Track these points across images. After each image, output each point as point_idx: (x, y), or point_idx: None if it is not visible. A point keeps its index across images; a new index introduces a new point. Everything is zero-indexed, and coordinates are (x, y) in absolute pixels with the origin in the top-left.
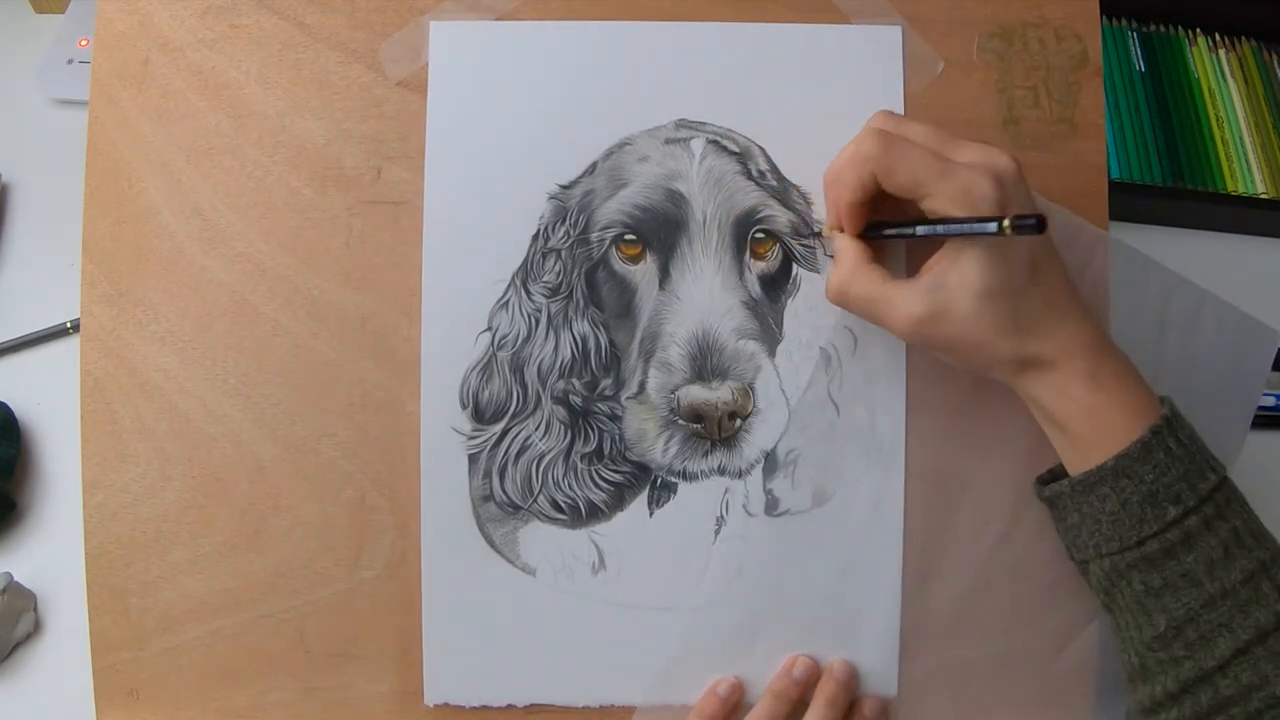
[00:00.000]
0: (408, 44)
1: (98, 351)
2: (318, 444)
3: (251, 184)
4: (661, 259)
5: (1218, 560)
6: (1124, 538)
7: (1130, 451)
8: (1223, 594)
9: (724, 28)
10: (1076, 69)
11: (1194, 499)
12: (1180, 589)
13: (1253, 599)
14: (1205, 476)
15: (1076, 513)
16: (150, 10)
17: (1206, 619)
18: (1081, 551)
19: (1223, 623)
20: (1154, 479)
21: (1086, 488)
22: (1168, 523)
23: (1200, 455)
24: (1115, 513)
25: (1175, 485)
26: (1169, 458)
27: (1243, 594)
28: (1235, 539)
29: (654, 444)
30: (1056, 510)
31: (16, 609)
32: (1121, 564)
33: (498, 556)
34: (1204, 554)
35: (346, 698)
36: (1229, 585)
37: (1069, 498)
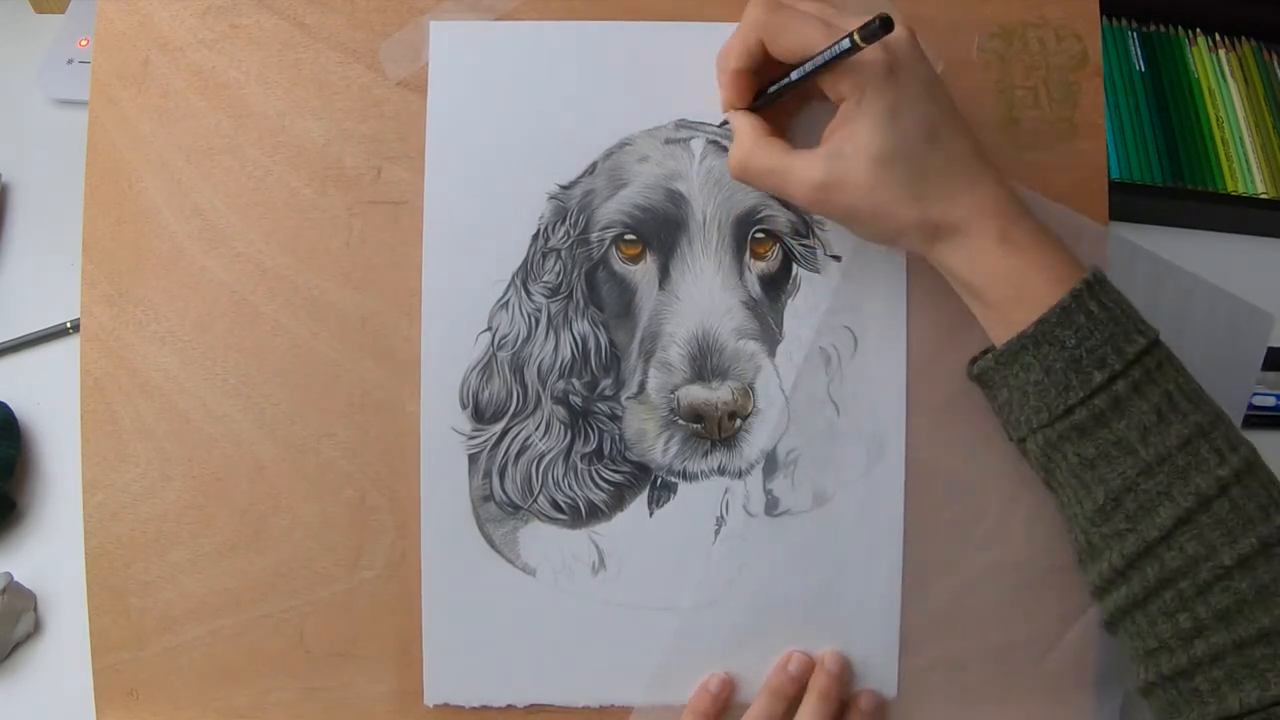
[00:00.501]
0: (408, 44)
1: (98, 351)
2: (318, 444)
3: (251, 184)
4: (661, 259)
5: (1151, 426)
6: (1051, 407)
7: (1049, 316)
8: (1159, 460)
9: (724, 28)
10: (1076, 69)
11: (1120, 363)
12: (1115, 458)
13: (1192, 464)
14: (1133, 339)
15: (1005, 387)
16: (150, 10)
17: (1145, 488)
18: (1016, 429)
19: (1162, 490)
20: (1076, 344)
21: (1010, 357)
22: (1094, 388)
23: (1127, 318)
24: (1040, 381)
25: (1100, 349)
26: (1091, 321)
27: (1180, 460)
28: (1169, 403)
29: (654, 444)
30: (988, 389)
31: (16, 609)
32: (1054, 436)
33: (498, 556)
34: (1136, 419)
35: (346, 698)
36: (1165, 451)
37: (995, 371)
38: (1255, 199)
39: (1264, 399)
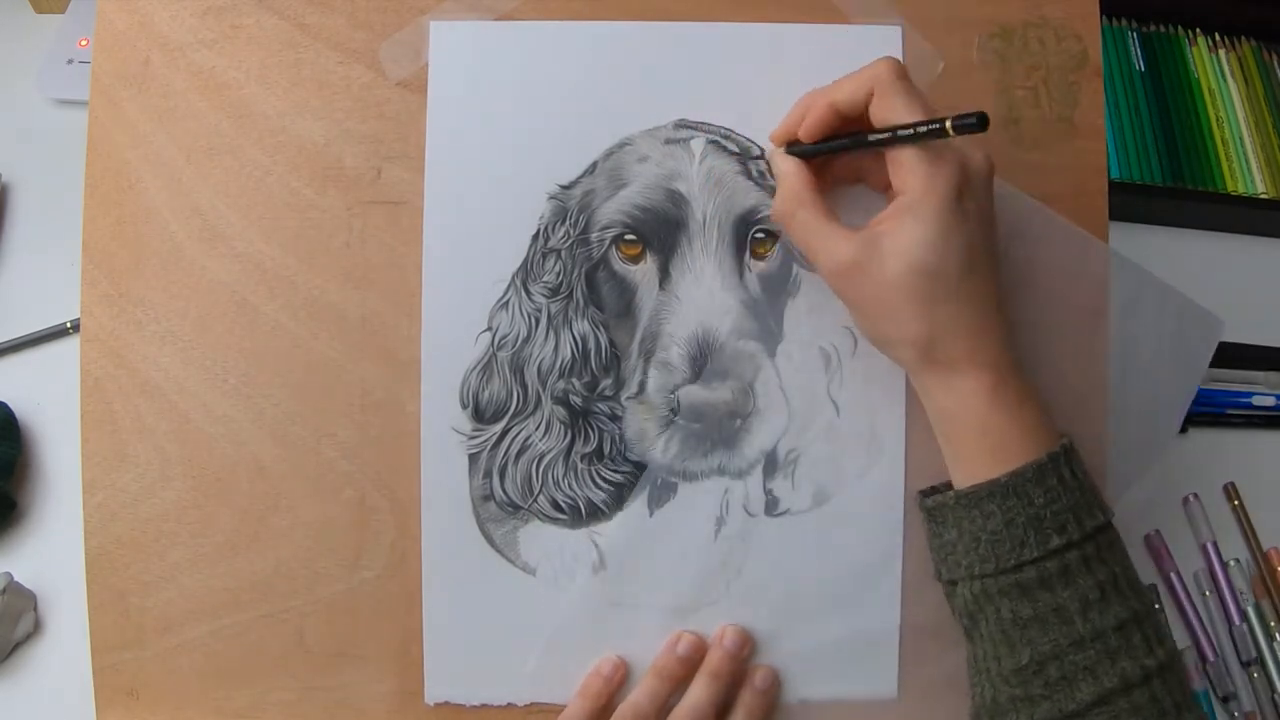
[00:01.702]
0: (408, 44)
1: (98, 351)
2: (318, 444)
3: (251, 184)
4: (661, 259)
5: (1093, 601)
6: (1001, 559)
7: (1025, 471)
8: (1093, 636)
9: (724, 28)
10: (1076, 69)
11: (1079, 533)
12: (1050, 624)
13: (1122, 648)
14: (1094, 514)
15: (956, 528)
16: (150, 10)
17: (1072, 659)
18: (952, 571)
19: (1088, 666)
20: (1043, 504)
21: (973, 501)
22: (1049, 550)
23: (1092, 493)
24: (997, 532)
25: (1063, 515)
26: (1061, 486)
27: (1113, 641)
28: (1113, 583)
29: (654, 444)
30: (934, 524)
31: (16, 609)
32: (993, 588)
33: (498, 556)
34: (1080, 592)
35: (346, 698)
36: (1101, 629)
37: (952, 510)
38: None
39: (1264, 399)
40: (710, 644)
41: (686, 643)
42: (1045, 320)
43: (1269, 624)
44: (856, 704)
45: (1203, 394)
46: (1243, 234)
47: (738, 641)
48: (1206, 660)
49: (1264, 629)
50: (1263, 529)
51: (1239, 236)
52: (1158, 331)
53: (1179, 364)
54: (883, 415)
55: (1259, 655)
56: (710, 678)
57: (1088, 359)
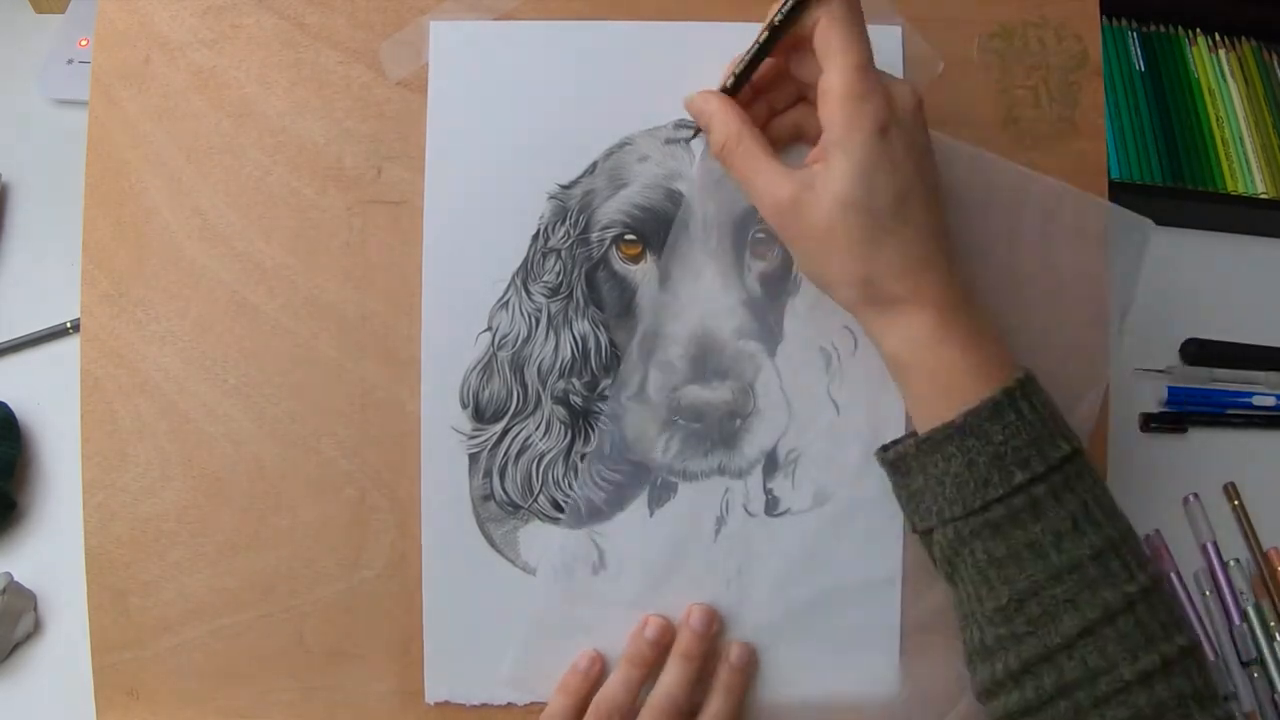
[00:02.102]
0: (408, 44)
1: (98, 351)
2: (318, 444)
3: (251, 184)
4: (662, 259)
5: (1065, 533)
6: (967, 501)
7: (980, 409)
8: (1070, 568)
9: (724, 28)
10: (1076, 69)
11: (1043, 466)
12: (1025, 560)
13: (1101, 577)
14: (1057, 445)
15: (921, 474)
16: (150, 10)
17: (1051, 593)
18: (925, 519)
19: (1069, 599)
20: (1002, 440)
21: (932, 446)
22: (1014, 487)
23: (1054, 425)
24: (960, 474)
25: (1024, 450)
26: (1020, 420)
27: (1091, 570)
28: (1085, 513)
29: (654, 444)
30: (899, 475)
31: (16, 609)
32: (965, 530)
33: (498, 556)
34: (1051, 525)
35: (346, 697)
36: (1076, 559)
37: (914, 458)
38: (1255, 199)
39: (1264, 399)
40: (678, 625)
41: (654, 626)
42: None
43: (1269, 624)
44: (856, 704)
45: (1203, 394)
46: (1243, 234)
47: (704, 620)
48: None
49: (1264, 629)
50: (1263, 529)
51: (1239, 236)
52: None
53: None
54: (883, 415)
55: (1259, 655)
56: (682, 659)
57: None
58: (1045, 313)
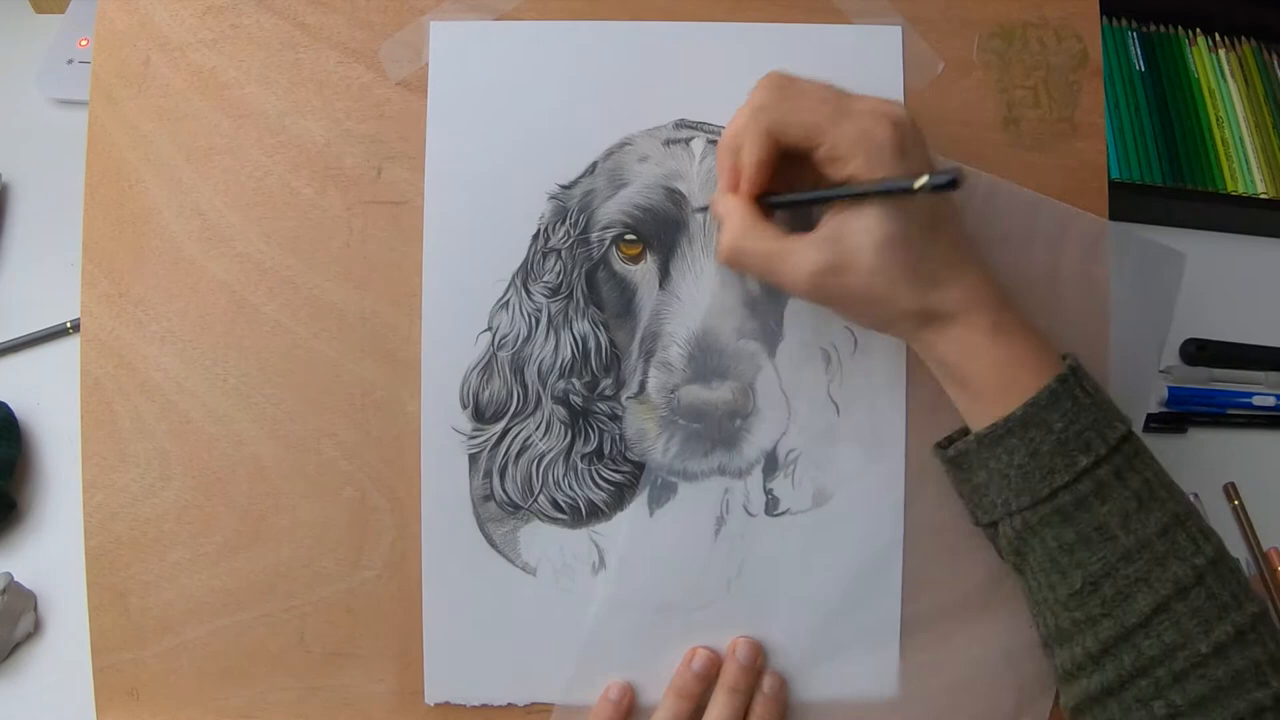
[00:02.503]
0: (408, 44)
1: (98, 351)
2: (318, 444)
3: (251, 184)
4: (662, 259)
5: (1132, 512)
6: (1035, 490)
7: (1039, 399)
8: (1139, 547)
9: (724, 28)
10: (1076, 69)
11: (1104, 447)
12: (1094, 542)
13: (1170, 552)
14: (1114, 426)
15: (984, 469)
16: (150, 10)
17: (1124, 573)
18: (989, 512)
19: (1141, 577)
20: (1063, 427)
21: (994, 440)
22: (1079, 472)
23: (1107, 406)
24: (1024, 464)
25: (1085, 433)
26: (1077, 406)
27: (1159, 547)
28: (1148, 490)
29: (654, 444)
30: (961, 471)
31: (16, 609)
32: (1033, 519)
33: (498, 556)
34: (1117, 505)
35: (346, 698)
36: (1144, 538)
37: (975, 454)
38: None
39: (1264, 399)
40: (724, 658)
41: (701, 659)
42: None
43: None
44: (856, 704)
45: (1203, 394)
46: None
47: (750, 654)
48: None
49: None
50: (1263, 529)
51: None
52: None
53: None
54: (883, 415)
55: None
56: (729, 692)
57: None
58: None
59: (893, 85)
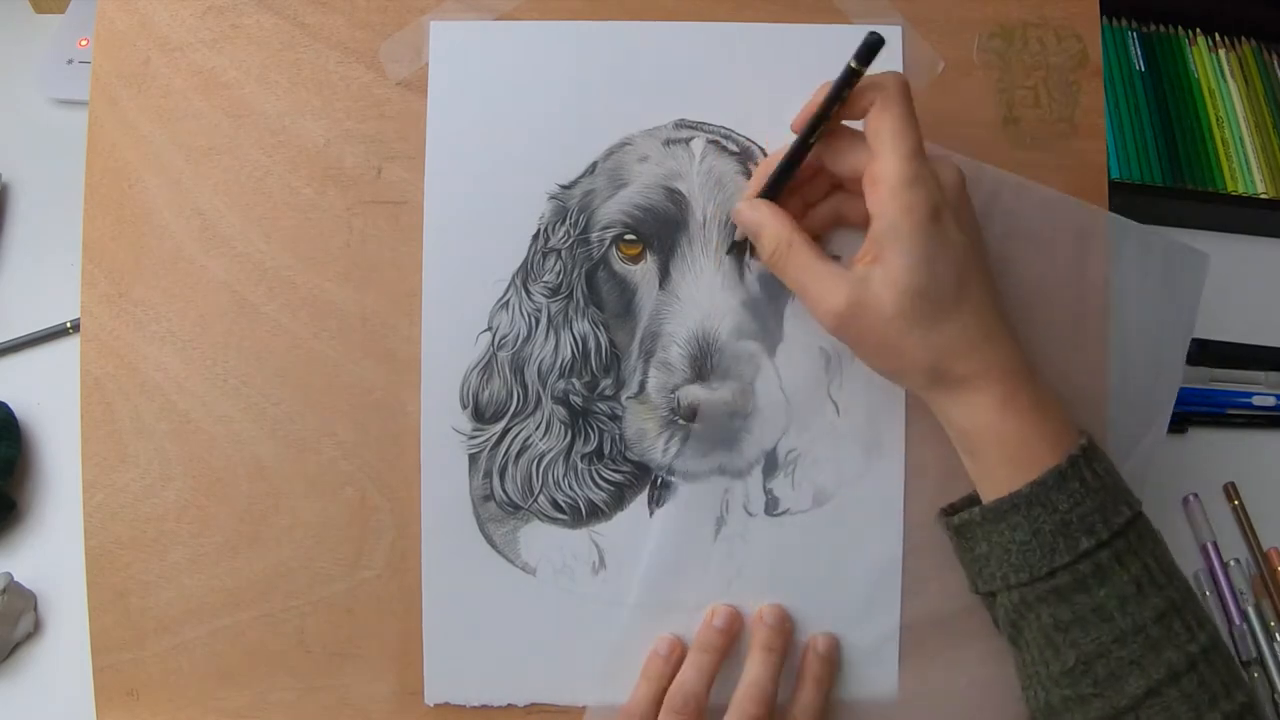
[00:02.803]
0: (408, 44)
1: (98, 351)
2: (318, 443)
3: (251, 184)
4: (661, 259)
5: (1130, 596)
6: (1034, 568)
7: (1046, 479)
8: (1134, 630)
9: (724, 28)
10: (1076, 69)
11: (1107, 532)
12: (1091, 624)
13: (1164, 637)
14: (1119, 510)
15: (985, 542)
16: (150, 10)
17: (1117, 655)
18: (988, 583)
19: (1134, 660)
20: (1068, 509)
21: (998, 515)
22: (1080, 554)
23: (1116, 489)
24: (1026, 542)
25: (1089, 517)
26: (1084, 488)
27: (1154, 632)
28: (1148, 575)
29: (654, 444)
30: (963, 540)
31: (16, 609)
32: (1030, 596)
33: (498, 556)
34: (1116, 589)
35: (346, 698)
36: (1141, 622)
37: (979, 526)
38: (1255, 199)
39: (1264, 399)
40: (752, 623)
41: (723, 614)
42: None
43: (1269, 624)
44: (856, 704)
45: (1203, 394)
46: (1243, 234)
47: (777, 615)
48: None
49: (1264, 629)
50: (1263, 529)
51: (1239, 236)
52: (1144, 273)
53: (1172, 304)
54: (883, 415)
55: (1259, 655)
56: (765, 651)
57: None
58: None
59: None
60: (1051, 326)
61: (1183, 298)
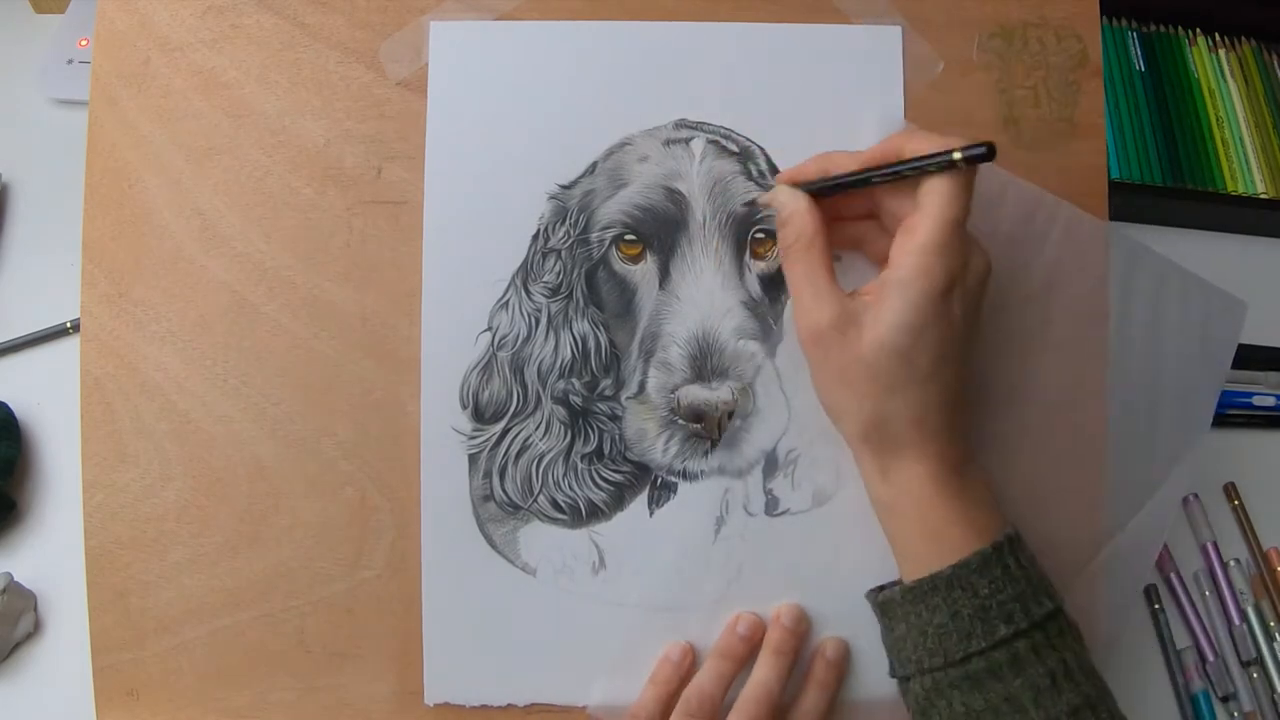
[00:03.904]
0: (408, 44)
1: (98, 351)
2: (318, 443)
3: (251, 184)
4: (661, 259)
5: (1044, 689)
6: (949, 652)
7: (969, 562)
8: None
9: (724, 27)
10: (1076, 69)
11: (1026, 622)
12: (1003, 713)
13: None
14: (1040, 603)
15: (904, 623)
16: (150, 10)
17: None
18: (903, 666)
19: None
20: (988, 594)
21: (918, 596)
22: (996, 641)
23: (1039, 582)
24: (943, 625)
25: (1009, 605)
26: (1006, 576)
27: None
28: (1064, 670)
29: (654, 444)
30: (886, 620)
31: (16, 609)
32: (944, 681)
33: (498, 556)
34: (1030, 680)
35: (346, 698)
36: (1054, 716)
37: (899, 605)
38: (1255, 199)
39: (1264, 399)
40: (769, 623)
41: (746, 622)
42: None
43: (1269, 624)
44: (857, 704)
45: None
46: (1243, 234)
47: (795, 617)
48: (1206, 660)
49: (1264, 629)
50: (1263, 529)
51: (1239, 236)
52: (1183, 322)
53: (1207, 353)
54: None
55: (1259, 655)
56: (774, 654)
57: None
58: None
59: (893, 85)
60: None
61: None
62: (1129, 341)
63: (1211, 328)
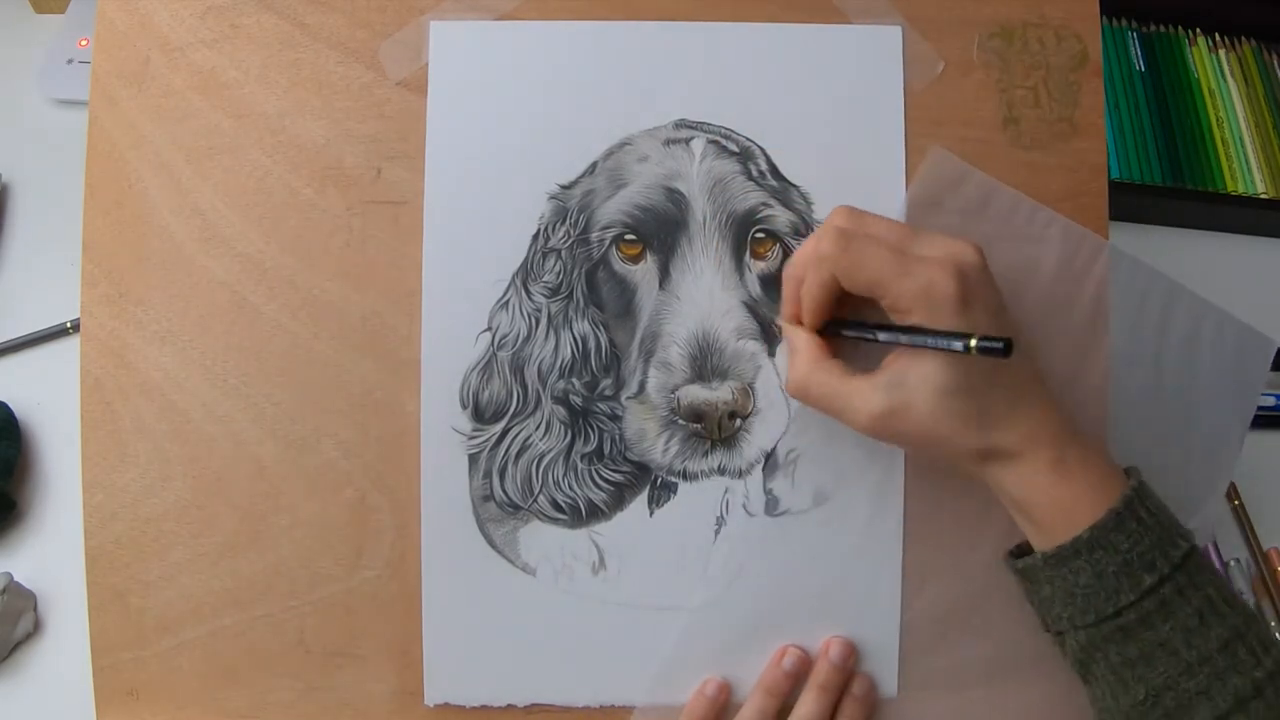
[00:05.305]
0: (408, 44)
1: (98, 351)
2: (318, 443)
3: (251, 184)
4: (661, 259)
5: (1194, 628)
6: (1099, 609)
7: (1105, 522)
8: (1200, 661)
9: (724, 27)
10: (1076, 69)
11: (1168, 566)
12: (1157, 658)
13: (1230, 666)
14: (1176, 544)
15: (1049, 585)
16: (150, 10)
17: (1185, 687)
18: (1056, 623)
19: (1201, 690)
20: (1129, 548)
21: (1060, 561)
22: (1143, 591)
23: (1170, 524)
24: (1090, 585)
25: (1149, 553)
26: (1141, 526)
27: (1220, 661)
28: (1209, 606)
29: (654, 444)
30: (1029, 583)
31: (16, 609)
32: (1097, 636)
33: (498, 556)
34: (1180, 622)
35: (346, 698)
36: (1206, 653)
37: (1041, 570)
38: (1255, 199)
39: (1264, 399)
40: (816, 656)
41: (793, 657)
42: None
43: (1269, 623)
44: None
45: None
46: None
47: (843, 653)
48: None
49: None
50: (1263, 529)
51: (1239, 236)
52: (1217, 358)
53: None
54: None
55: None
56: (819, 691)
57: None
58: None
59: (892, 85)
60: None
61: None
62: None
63: (1243, 365)
